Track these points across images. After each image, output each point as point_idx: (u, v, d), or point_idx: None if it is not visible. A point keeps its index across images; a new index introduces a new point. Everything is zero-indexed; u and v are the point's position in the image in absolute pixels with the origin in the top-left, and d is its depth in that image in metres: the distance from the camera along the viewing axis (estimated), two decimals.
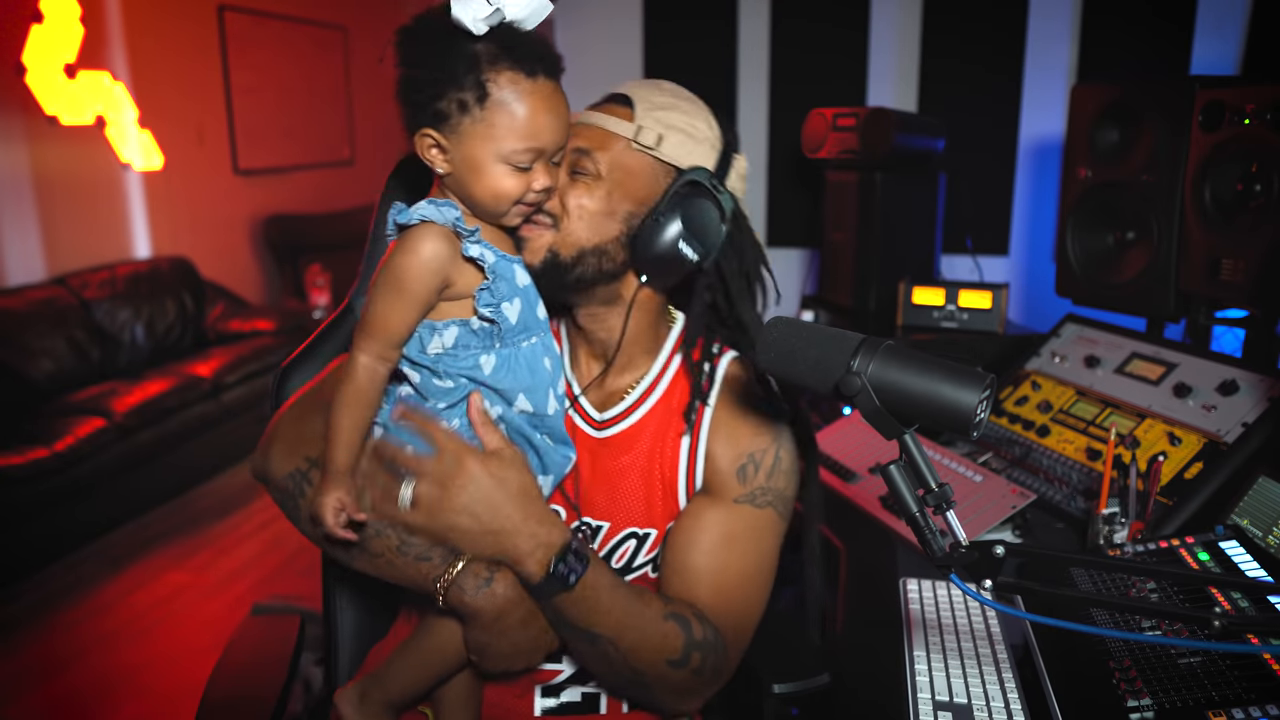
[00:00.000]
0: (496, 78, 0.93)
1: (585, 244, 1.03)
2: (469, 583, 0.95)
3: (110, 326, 4.11)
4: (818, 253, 2.88)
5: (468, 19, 0.90)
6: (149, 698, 2.51)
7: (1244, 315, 1.71)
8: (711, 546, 1.06)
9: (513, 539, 0.95)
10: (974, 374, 0.77)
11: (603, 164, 1.03)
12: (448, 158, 0.95)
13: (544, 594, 0.96)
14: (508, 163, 0.95)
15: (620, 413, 1.12)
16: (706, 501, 1.09)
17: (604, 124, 1.05)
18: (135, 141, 4.56)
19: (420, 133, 0.95)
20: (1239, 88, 1.57)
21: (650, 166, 1.04)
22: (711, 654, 1.03)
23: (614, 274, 1.06)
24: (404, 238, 0.95)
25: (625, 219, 1.04)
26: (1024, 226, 3.06)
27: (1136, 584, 1.10)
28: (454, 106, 0.93)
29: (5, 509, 3.07)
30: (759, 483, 1.08)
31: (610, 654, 1.00)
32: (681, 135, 1.05)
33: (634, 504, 1.10)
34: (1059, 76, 2.92)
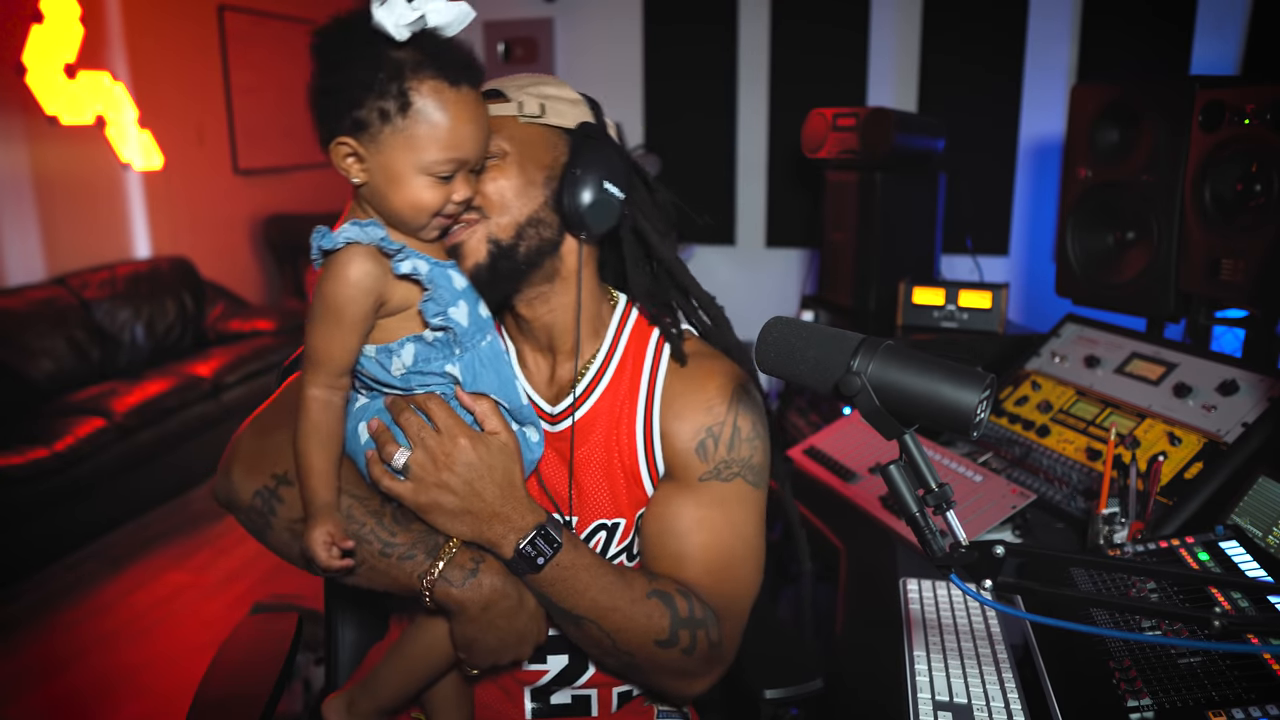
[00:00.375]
0: (420, 86, 0.90)
1: (519, 218, 1.03)
2: (455, 575, 0.96)
3: (110, 326, 4.11)
4: (818, 253, 2.88)
5: (390, 24, 0.88)
6: (149, 698, 2.51)
7: (1244, 315, 1.71)
8: (687, 531, 1.06)
9: (488, 523, 0.97)
10: (974, 374, 0.77)
11: (502, 141, 1.02)
12: (365, 167, 0.93)
13: (519, 571, 0.98)
14: (429, 173, 0.93)
15: (575, 401, 1.10)
16: (673, 486, 1.08)
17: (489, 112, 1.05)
18: (135, 141, 4.56)
19: (336, 141, 0.92)
20: (1239, 88, 1.57)
21: (543, 134, 1.06)
22: (702, 631, 1.02)
23: (553, 241, 1.06)
24: (330, 263, 0.93)
25: (544, 184, 1.04)
26: (1024, 226, 3.06)
27: (1136, 584, 1.10)
28: (374, 115, 0.90)
29: (5, 509, 3.07)
30: (720, 456, 1.07)
31: (598, 636, 1.00)
32: (559, 101, 1.08)
33: (598, 495, 1.09)
34: (1059, 76, 2.92)
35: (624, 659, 1.02)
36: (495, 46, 3.50)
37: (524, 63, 3.43)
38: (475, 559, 0.97)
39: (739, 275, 3.44)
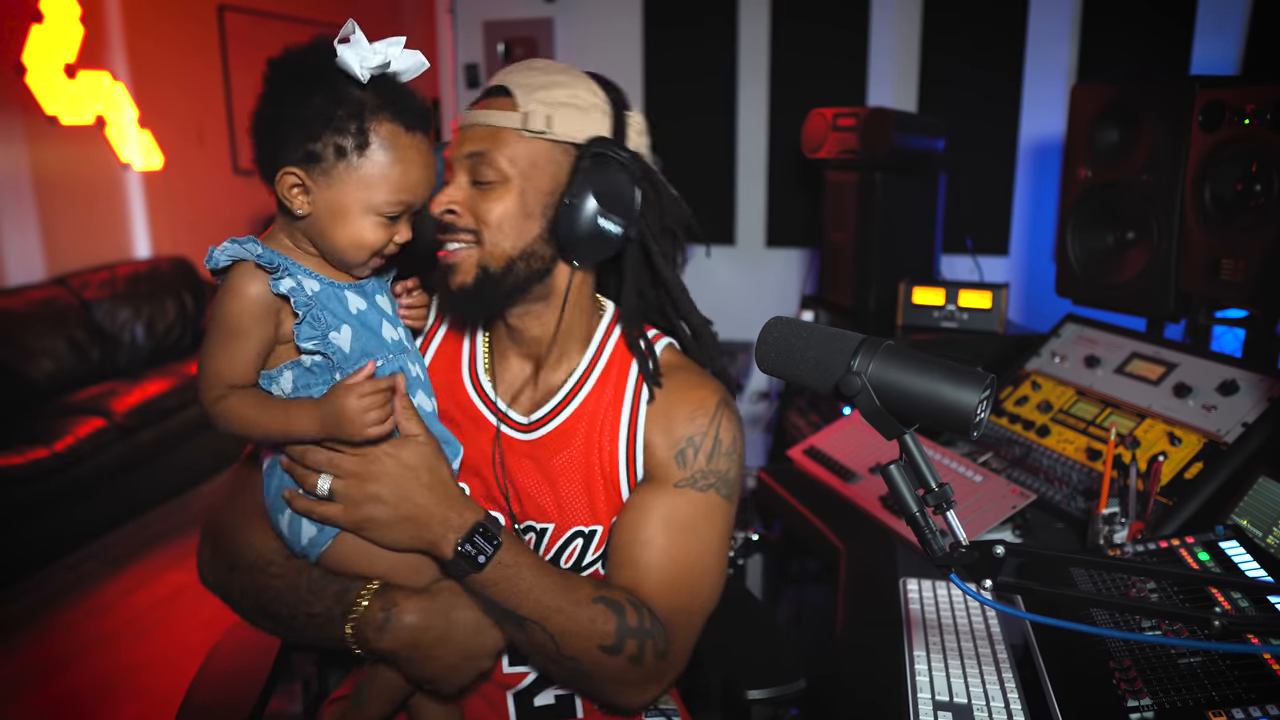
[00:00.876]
0: (378, 128, 0.92)
1: (512, 251, 1.01)
2: (369, 630, 0.96)
3: (110, 326, 4.11)
4: (818, 253, 2.88)
5: (355, 64, 0.89)
6: (149, 698, 2.51)
7: (1244, 315, 1.71)
8: (654, 534, 1.05)
9: (426, 525, 0.96)
10: (974, 374, 0.77)
11: (503, 163, 1.00)
12: (310, 200, 0.93)
13: (458, 574, 0.97)
14: (377, 213, 0.94)
15: (552, 409, 1.10)
16: (647, 489, 1.08)
17: (490, 120, 1.01)
18: (135, 141, 4.56)
19: (285, 171, 0.92)
20: (1239, 88, 1.57)
21: (548, 150, 1.01)
22: (649, 641, 1.01)
23: (545, 270, 1.05)
24: (225, 280, 0.93)
25: (542, 213, 1.02)
26: (1024, 226, 3.06)
27: (1136, 584, 1.10)
28: (330, 149, 0.91)
29: (5, 509, 3.07)
30: (699, 466, 1.07)
31: (541, 639, 0.99)
32: (569, 109, 1.01)
33: (576, 502, 1.09)
34: (1059, 76, 2.91)
35: (568, 665, 1.01)
36: (495, 46, 3.50)
37: None
38: (385, 606, 0.96)
39: (739, 275, 3.44)
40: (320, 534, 0.98)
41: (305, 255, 0.98)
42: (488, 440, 1.10)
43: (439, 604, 0.98)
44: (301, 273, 0.95)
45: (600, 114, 1.04)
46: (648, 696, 1.07)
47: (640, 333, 1.11)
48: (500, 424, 1.11)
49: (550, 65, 1.06)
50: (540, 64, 1.06)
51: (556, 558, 1.09)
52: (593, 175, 1.00)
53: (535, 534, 1.10)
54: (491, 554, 0.97)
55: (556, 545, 1.09)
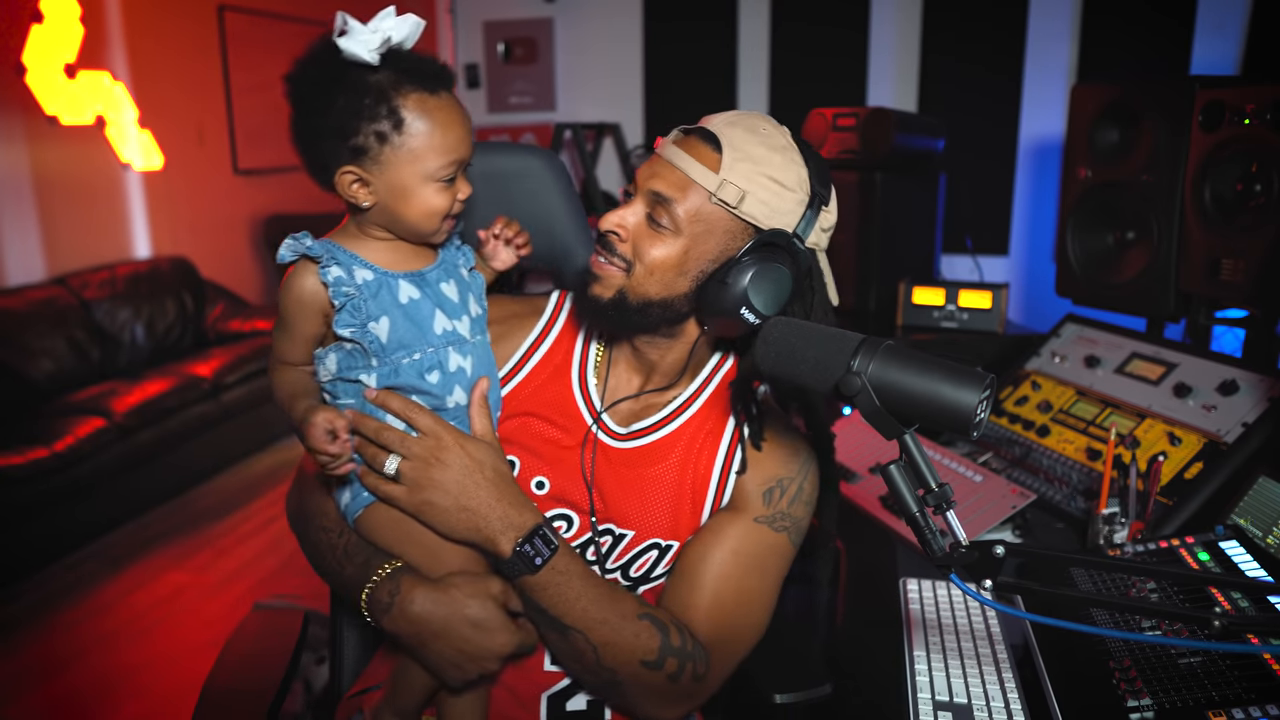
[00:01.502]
0: (405, 102, 0.95)
1: (653, 297, 1.03)
2: (377, 610, 0.99)
3: (110, 326, 4.11)
4: None
5: (361, 51, 0.92)
6: (149, 698, 2.51)
7: (1244, 315, 1.71)
8: (721, 559, 1.07)
9: (485, 518, 0.98)
10: (974, 374, 0.77)
11: (681, 216, 1.00)
12: (371, 190, 0.98)
13: (511, 573, 0.99)
14: (434, 179, 0.98)
15: (655, 423, 1.13)
16: (727, 517, 1.10)
17: (688, 169, 1.01)
18: (135, 141, 4.56)
19: (341, 172, 0.97)
20: (1239, 88, 1.56)
21: (729, 222, 1.01)
22: (690, 663, 1.02)
23: (676, 318, 1.07)
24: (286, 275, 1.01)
25: (696, 276, 1.03)
26: (1024, 226, 3.06)
27: (1136, 584, 1.10)
28: (371, 139, 0.95)
29: (5, 509, 3.07)
30: (781, 507, 1.10)
31: (582, 648, 1.00)
32: (767, 193, 1.00)
33: (660, 515, 1.10)
34: (1059, 76, 2.92)
35: (605, 676, 1.01)
36: (495, 47, 3.50)
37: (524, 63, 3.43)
38: (391, 591, 0.99)
39: None
40: (354, 500, 1.03)
41: (374, 243, 1.02)
42: (577, 439, 1.12)
43: (446, 597, 0.99)
44: (357, 263, 1.00)
45: (795, 203, 1.03)
46: (676, 714, 1.08)
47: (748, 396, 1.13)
48: (596, 428, 1.13)
49: (773, 136, 1.03)
50: (764, 127, 1.03)
51: (629, 565, 1.11)
52: (758, 265, 1.00)
53: (613, 538, 1.11)
54: (548, 558, 0.98)
55: (632, 552, 1.10)
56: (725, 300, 1.01)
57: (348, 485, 1.04)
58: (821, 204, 1.04)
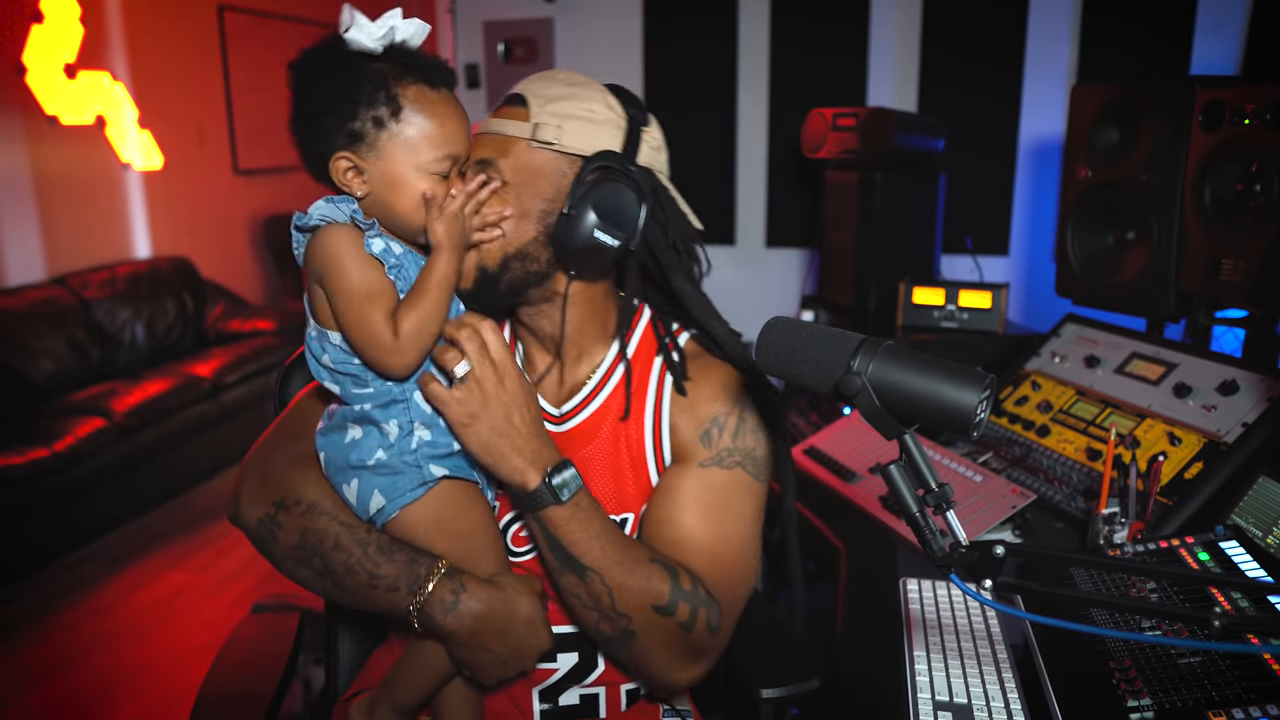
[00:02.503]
0: (405, 91, 0.96)
1: (507, 250, 1.04)
2: (436, 609, 0.97)
3: (110, 326, 4.11)
4: (818, 253, 2.88)
5: (367, 40, 0.94)
6: (149, 698, 2.51)
7: (1244, 315, 1.71)
8: (685, 513, 1.07)
9: (519, 448, 0.98)
10: (974, 374, 0.77)
11: (507, 170, 1.03)
12: (365, 179, 0.97)
13: (539, 503, 0.98)
14: (428, 172, 0.97)
15: (580, 402, 1.13)
16: (675, 471, 1.09)
17: (502, 129, 1.05)
18: (135, 141, 4.56)
19: (336, 157, 0.96)
20: (1239, 88, 1.57)
21: (555, 161, 1.04)
22: (704, 610, 1.02)
23: (542, 274, 1.07)
24: (317, 245, 0.96)
25: (540, 218, 1.04)
26: (1024, 226, 3.06)
27: (1136, 584, 1.10)
28: (369, 125, 0.95)
29: (5, 509, 3.07)
30: (724, 444, 1.08)
31: (599, 591, 1.00)
32: (580, 122, 1.04)
33: (604, 491, 1.10)
34: (1059, 76, 2.91)
35: (620, 624, 1.01)
36: (495, 46, 3.50)
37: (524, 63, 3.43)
38: (454, 589, 0.98)
39: (739, 275, 3.44)
40: (390, 503, 0.99)
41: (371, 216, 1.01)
42: None
43: (504, 596, 1.00)
44: (387, 237, 0.99)
45: (613, 128, 1.06)
46: (690, 674, 1.06)
47: (665, 330, 1.14)
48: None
49: (571, 76, 1.08)
50: (561, 75, 1.08)
51: None
52: (595, 187, 1.02)
53: None
54: (574, 491, 0.99)
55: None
56: (575, 230, 1.02)
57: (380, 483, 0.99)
58: (640, 125, 1.07)
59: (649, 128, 1.09)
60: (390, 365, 0.96)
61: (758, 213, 3.38)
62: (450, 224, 0.97)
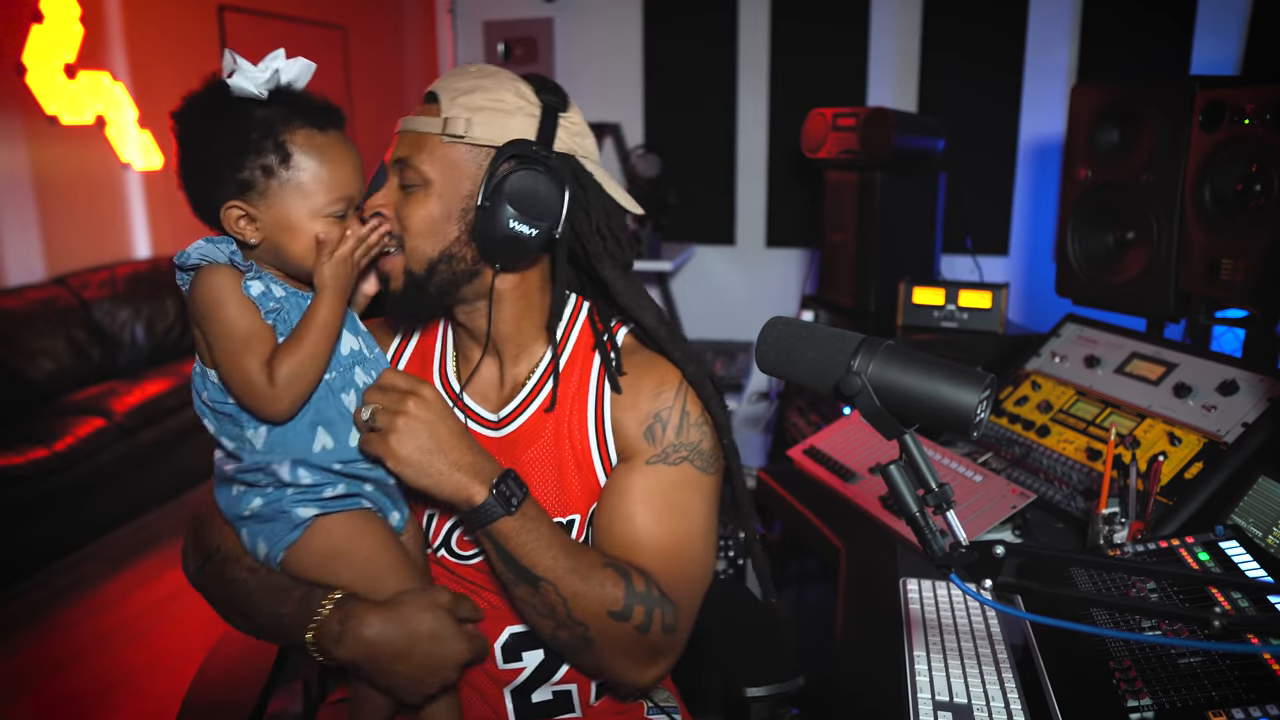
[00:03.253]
0: (293, 136, 0.95)
1: (431, 254, 1.03)
2: (327, 641, 0.97)
3: (110, 326, 4.11)
4: (818, 253, 2.88)
5: (250, 86, 0.93)
6: (148, 698, 2.51)
7: (1244, 315, 1.71)
8: (635, 512, 1.05)
9: (457, 464, 0.96)
10: (974, 374, 0.77)
11: (425, 167, 1.02)
12: (258, 226, 0.97)
13: (487, 518, 0.96)
14: (321, 215, 0.97)
15: (520, 403, 1.11)
16: (622, 471, 1.08)
17: (415, 126, 1.04)
18: (135, 141, 4.56)
19: (227, 207, 0.96)
20: (1239, 88, 1.57)
21: (470, 155, 1.02)
22: (658, 610, 1.01)
23: (470, 271, 1.05)
24: (195, 286, 0.95)
25: (460, 216, 1.03)
26: (1024, 226, 3.06)
27: (1136, 584, 1.10)
28: (258, 172, 0.95)
29: (5, 509, 3.07)
30: (669, 440, 1.07)
31: (554, 601, 0.98)
32: (489, 113, 1.02)
33: (548, 493, 1.09)
34: (1059, 76, 2.91)
35: (577, 630, 1.00)
36: (495, 47, 3.50)
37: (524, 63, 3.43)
38: (341, 619, 0.97)
39: (739, 275, 3.44)
40: (274, 545, 1.00)
41: (267, 270, 1.01)
42: None
43: (399, 616, 0.99)
44: (268, 279, 0.99)
45: (525, 116, 1.04)
46: (650, 675, 1.06)
47: (604, 325, 1.13)
48: (470, 421, 1.12)
49: (482, 69, 1.06)
50: (472, 69, 1.07)
51: None
52: (507, 179, 1.00)
53: None
54: (522, 500, 0.98)
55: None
56: (491, 221, 1.00)
57: (261, 530, 1.01)
58: (557, 111, 1.05)
59: (567, 113, 1.07)
60: (266, 412, 0.96)
61: (758, 213, 3.38)
62: (336, 268, 0.97)
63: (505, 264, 1.05)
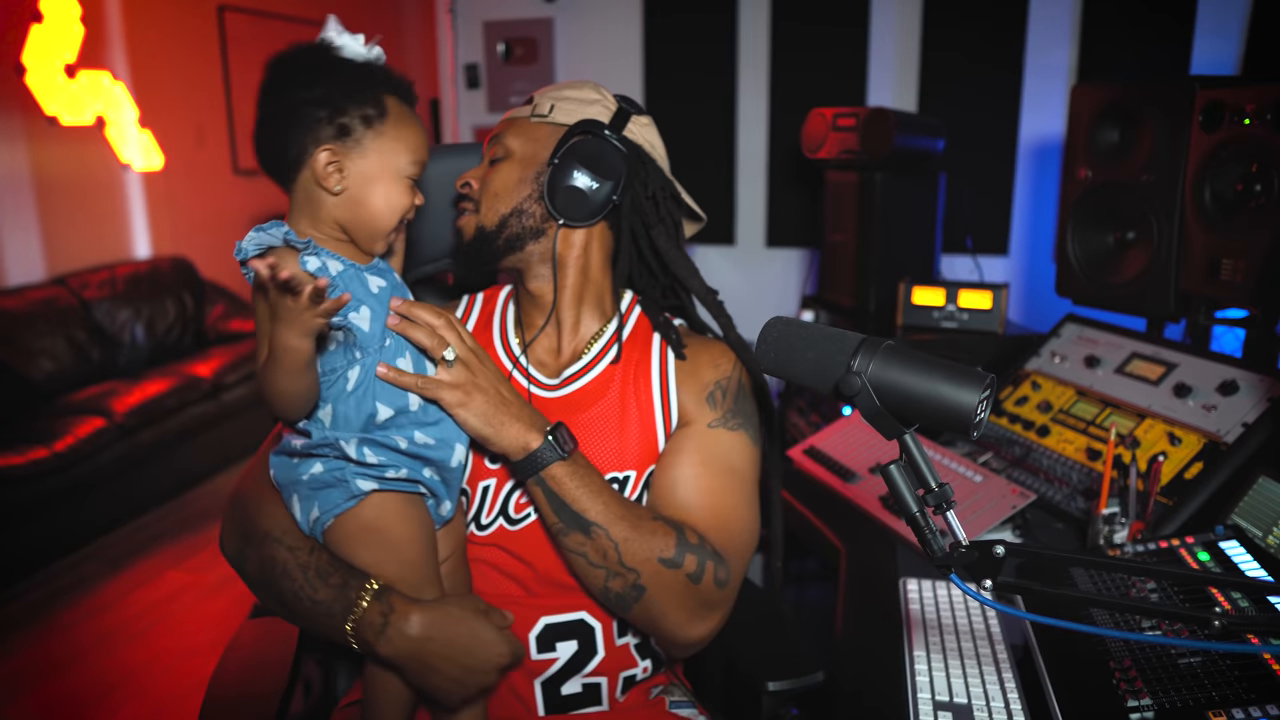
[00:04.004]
0: (389, 99, 1.01)
1: (504, 210, 1.16)
2: (368, 633, 0.97)
3: (110, 326, 4.12)
4: (818, 253, 2.88)
5: (359, 49, 1.00)
6: (148, 698, 2.51)
7: (1244, 315, 1.71)
8: (694, 473, 1.13)
9: (515, 417, 1.04)
10: (974, 374, 0.77)
11: (510, 141, 1.18)
12: (344, 175, 0.99)
13: (543, 461, 1.03)
14: (403, 176, 1.01)
15: (584, 366, 1.19)
16: (683, 434, 1.16)
17: (511, 115, 1.22)
18: (135, 141, 4.56)
19: (320, 149, 0.98)
20: (1239, 88, 1.56)
21: (550, 132, 1.18)
22: (710, 562, 1.06)
23: (537, 229, 1.17)
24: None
25: (534, 179, 1.16)
26: (1024, 226, 3.06)
27: (1136, 584, 1.10)
28: (358, 121, 0.99)
29: (5, 509, 3.07)
30: (728, 406, 1.17)
31: (605, 545, 1.03)
32: (571, 103, 1.19)
33: (607, 449, 1.14)
34: (1059, 76, 2.91)
35: (629, 579, 1.04)
36: (495, 46, 3.50)
37: (524, 63, 3.43)
38: (383, 613, 0.97)
39: (739, 275, 3.44)
40: (324, 512, 1.00)
41: (326, 240, 1.02)
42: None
43: (443, 616, 0.99)
44: (325, 254, 1.00)
45: (601, 108, 1.19)
46: (703, 629, 1.09)
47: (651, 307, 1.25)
48: (528, 385, 1.19)
49: (578, 82, 1.23)
50: (570, 83, 1.23)
51: None
52: (578, 146, 1.15)
53: None
54: (573, 448, 1.06)
55: None
56: (558, 176, 1.13)
57: (317, 496, 1.00)
58: (631, 113, 1.20)
59: (640, 116, 1.21)
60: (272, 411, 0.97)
61: (758, 213, 3.38)
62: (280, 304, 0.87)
63: (568, 217, 1.15)
